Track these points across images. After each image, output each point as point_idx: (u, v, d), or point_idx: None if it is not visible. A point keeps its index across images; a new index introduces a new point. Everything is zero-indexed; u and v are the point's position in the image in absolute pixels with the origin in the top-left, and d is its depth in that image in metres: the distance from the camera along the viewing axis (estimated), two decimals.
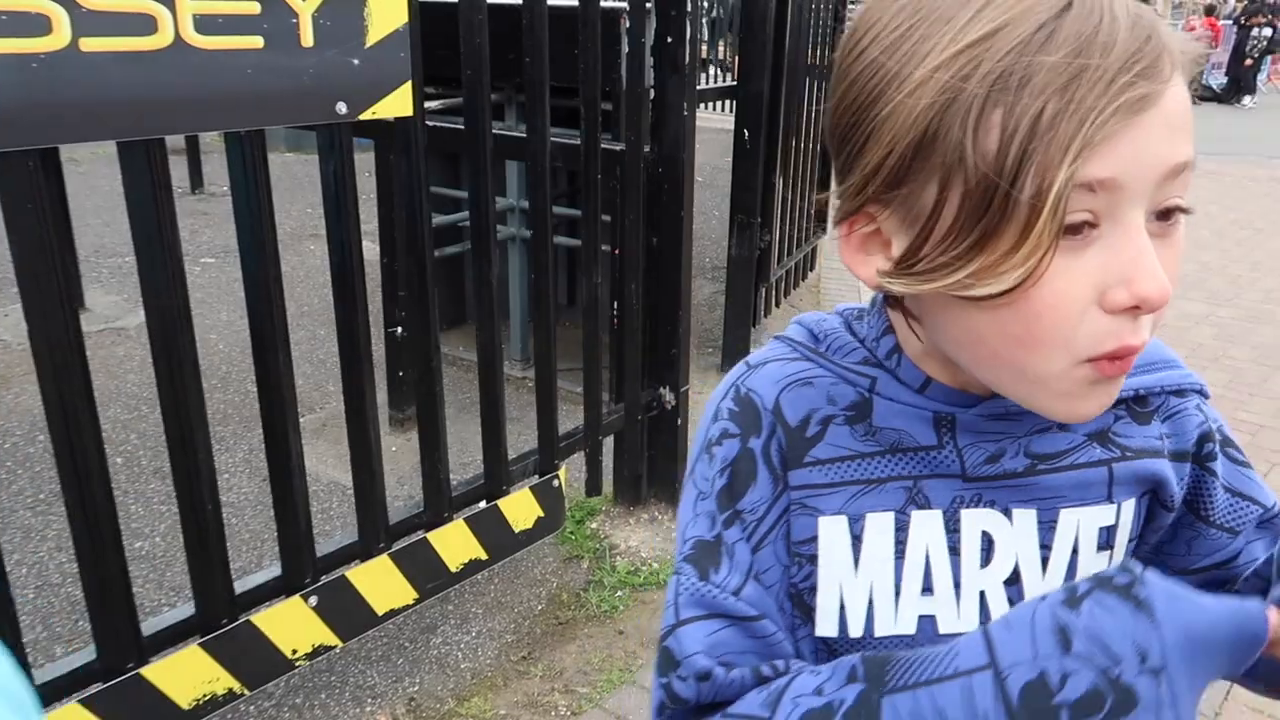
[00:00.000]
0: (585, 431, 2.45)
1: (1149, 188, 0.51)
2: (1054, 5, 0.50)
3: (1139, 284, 0.51)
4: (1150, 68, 0.49)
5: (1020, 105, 0.48)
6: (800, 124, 4.31)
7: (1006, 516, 0.64)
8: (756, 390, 0.66)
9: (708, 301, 4.92)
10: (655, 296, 2.62)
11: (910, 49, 0.53)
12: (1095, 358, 0.53)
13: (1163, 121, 0.50)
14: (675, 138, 2.46)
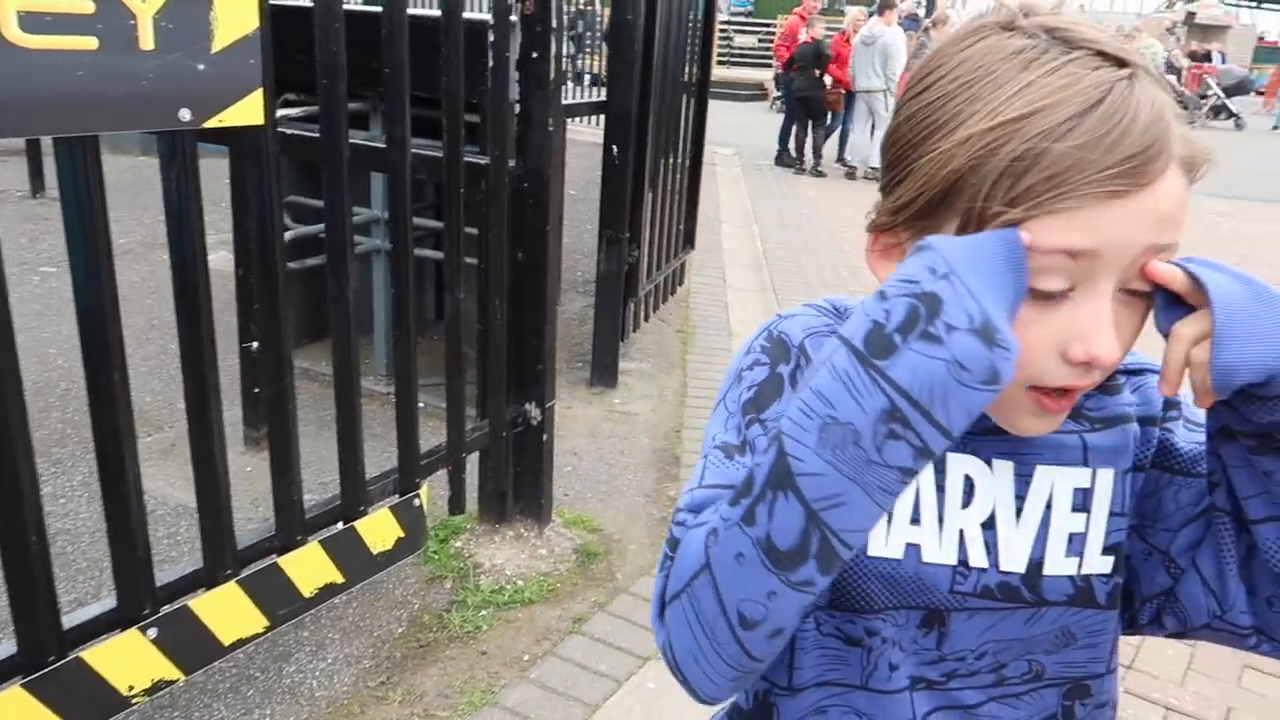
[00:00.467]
0: (448, 449, 2.41)
1: (1124, 264, 0.61)
2: (1087, 100, 0.59)
3: (1093, 347, 0.61)
4: (1140, 170, 0.58)
5: (1024, 181, 0.58)
6: (671, 141, 4.38)
7: (987, 465, 0.73)
8: (787, 332, 0.76)
9: (579, 315, 4.92)
10: (521, 311, 2.60)
11: (960, 106, 0.62)
12: (1041, 388, 0.63)
13: (1148, 210, 0.59)
14: (540, 152, 2.46)
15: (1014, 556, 0.74)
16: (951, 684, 0.76)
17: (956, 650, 0.76)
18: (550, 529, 2.86)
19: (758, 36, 22.11)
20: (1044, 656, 0.78)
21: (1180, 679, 2.40)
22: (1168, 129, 0.60)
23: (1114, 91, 0.60)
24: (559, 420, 3.59)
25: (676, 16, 4.08)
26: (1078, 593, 0.75)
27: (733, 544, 0.62)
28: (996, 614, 0.75)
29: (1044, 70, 0.61)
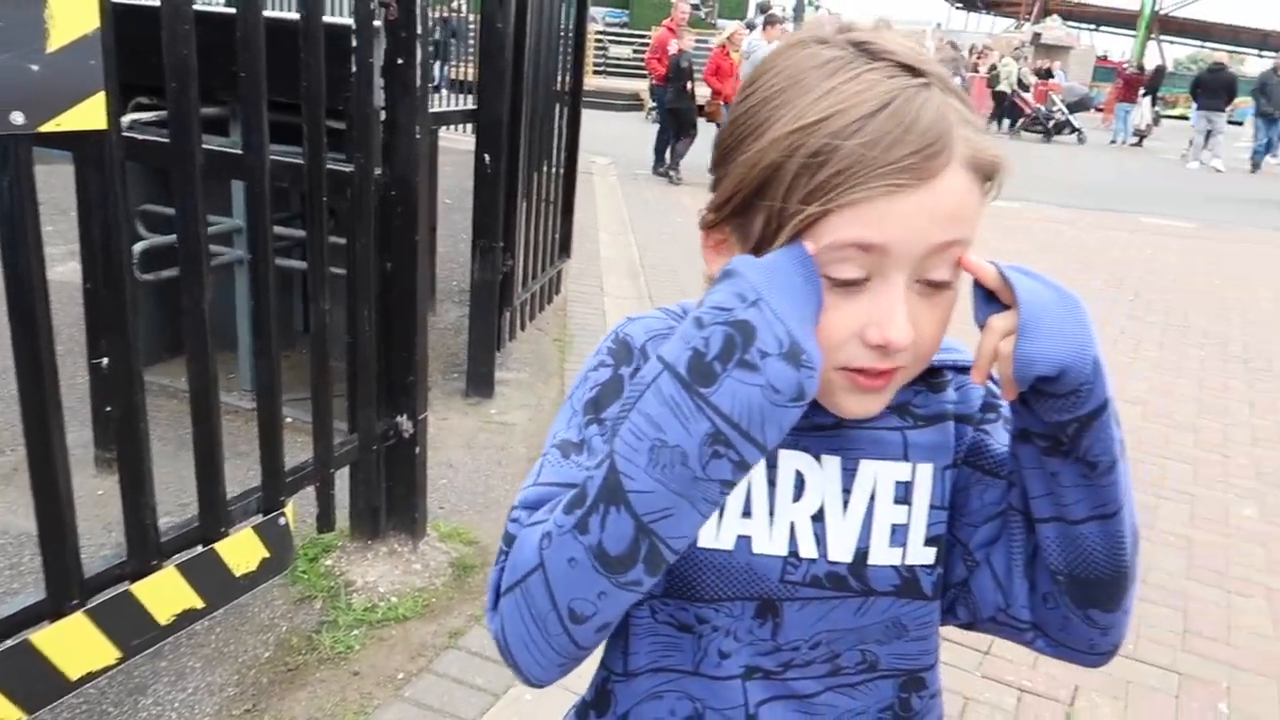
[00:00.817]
0: (315, 464, 2.34)
1: (912, 258, 0.66)
2: (876, 104, 0.64)
3: (887, 331, 0.66)
4: (921, 167, 0.64)
5: (817, 177, 0.64)
6: (545, 150, 4.38)
7: (817, 460, 0.77)
8: (632, 335, 0.80)
9: (454, 326, 4.86)
10: (390, 322, 2.55)
11: (771, 110, 0.68)
12: (848, 369, 0.69)
13: (931, 206, 0.65)
14: (408, 160, 2.42)
15: (841, 547, 0.78)
16: (788, 674, 0.79)
17: (791, 640, 0.79)
18: (425, 543, 2.81)
19: (633, 47, 22.30)
20: (877, 647, 0.81)
21: (1032, 662, 2.54)
22: (949, 131, 0.66)
23: (901, 96, 0.65)
24: (434, 432, 3.52)
25: (548, 25, 4.09)
26: (904, 583, 0.79)
27: (566, 549, 0.66)
28: (827, 603, 0.78)
29: (845, 78, 0.66)
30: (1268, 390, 5.08)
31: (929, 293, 0.69)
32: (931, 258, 0.67)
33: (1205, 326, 6.30)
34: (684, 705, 0.80)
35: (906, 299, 0.67)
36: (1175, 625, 2.80)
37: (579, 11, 4.58)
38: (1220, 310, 6.78)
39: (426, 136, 2.47)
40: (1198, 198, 12.90)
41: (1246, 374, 5.34)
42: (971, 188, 0.68)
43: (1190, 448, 4.17)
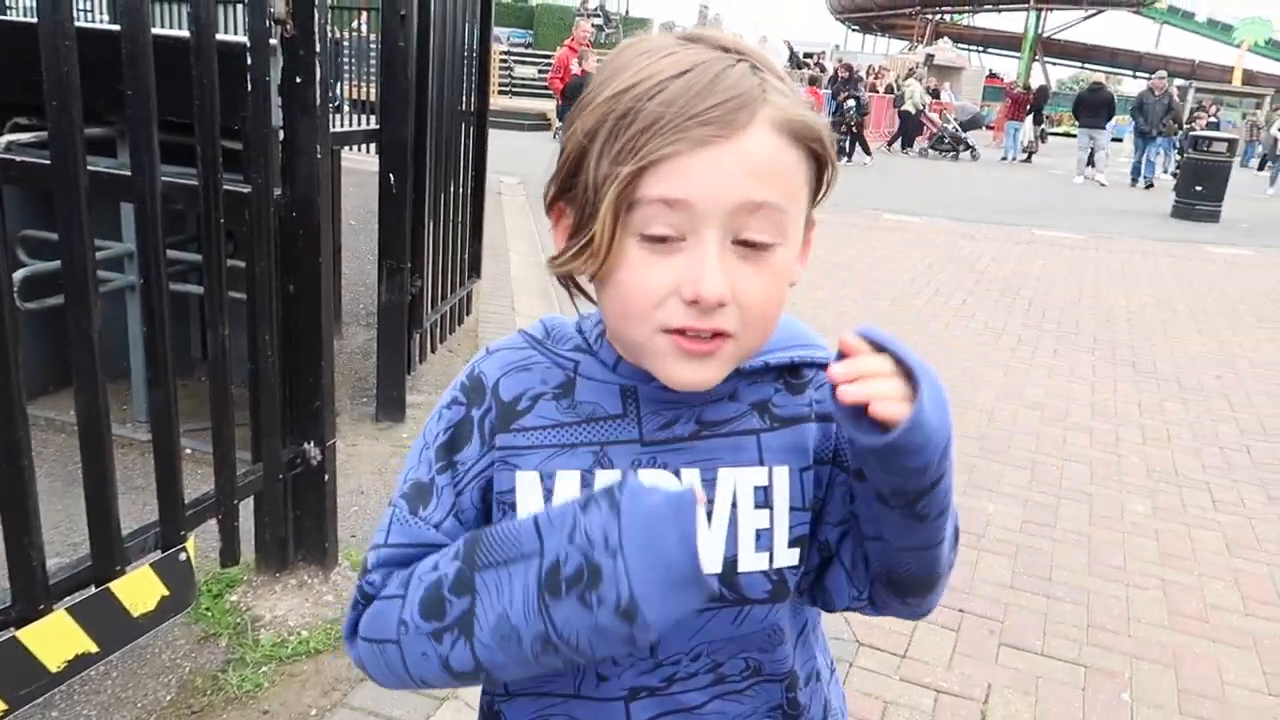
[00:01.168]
0: (216, 496, 2.25)
1: (720, 215, 0.66)
2: (675, 69, 0.67)
3: (699, 285, 0.67)
4: (721, 120, 0.65)
5: (623, 137, 0.66)
6: (452, 170, 4.33)
7: (677, 475, 0.77)
8: (485, 372, 0.81)
9: (362, 349, 4.76)
10: (294, 347, 2.48)
11: (598, 86, 0.70)
12: (669, 329, 0.69)
13: (734, 163, 0.66)
14: (309, 180, 2.36)
15: (710, 558, 0.76)
16: (673, 688, 0.80)
17: (671, 655, 0.79)
18: (336, 573, 2.72)
19: (538, 67, 22.35)
20: (759, 655, 0.82)
21: (947, 662, 2.60)
22: (753, 92, 0.67)
23: (706, 62, 0.67)
24: (343, 459, 3.44)
25: (451, 45, 4.05)
26: (774, 588, 0.80)
27: (419, 646, 0.70)
28: (702, 615, 0.78)
29: (660, 55, 0.69)
30: (1154, 391, 5.33)
31: (750, 254, 0.69)
32: (742, 215, 0.67)
33: (1095, 332, 6.59)
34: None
35: (725, 259, 0.68)
36: (1080, 620, 2.90)
37: (483, 32, 4.56)
38: (1108, 316, 7.11)
39: (328, 156, 2.41)
40: (1084, 210, 13.52)
41: (1134, 376, 5.60)
42: (783, 149, 0.68)
43: (1086, 448, 4.35)
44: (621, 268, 0.69)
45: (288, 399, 2.50)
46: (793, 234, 0.71)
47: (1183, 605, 3.03)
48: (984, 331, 6.30)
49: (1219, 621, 2.96)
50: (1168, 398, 5.23)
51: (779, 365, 0.80)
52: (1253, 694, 2.60)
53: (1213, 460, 4.34)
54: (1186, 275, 9.06)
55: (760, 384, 0.80)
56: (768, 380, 0.80)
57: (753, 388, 0.80)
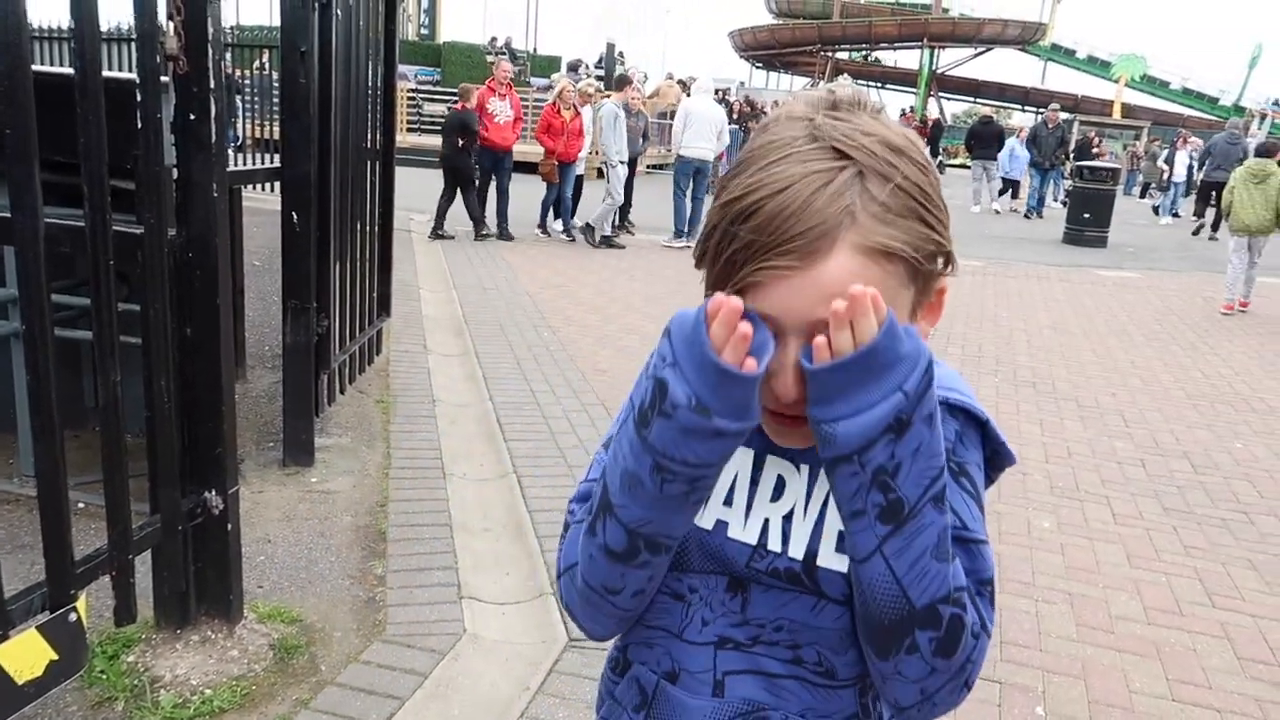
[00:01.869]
0: (110, 551, 2.14)
1: (799, 328, 0.74)
2: (773, 188, 0.73)
3: (775, 383, 0.76)
4: (802, 250, 0.72)
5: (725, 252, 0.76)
6: (358, 208, 4.26)
7: (796, 468, 0.87)
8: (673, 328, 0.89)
9: (268, 392, 4.62)
10: (193, 392, 2.38)
11: (730, 179, 0.78)
12: (768, 408, 0.78)
13: (815, 287, 0.72)
14: (205, 220, 2.29)
15: (797, 545, 0.86)
16: (756, 648, 0.89)
17: (757, 617, 0.88)
18: (242, 626, 2.61)
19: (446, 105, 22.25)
20: (833, 656, 0.87)
21: None
22: (840, 217, 0.72)
23: (802, 181, 0.73)
24: (249, 506, 3.32)
25: (355, 82, 4.00)
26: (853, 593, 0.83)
27: (587, 547, 0.86)
28: (786, 594, 0.87)
29: (775, 160, 0.75)
30: (1053, 411, 5.53)
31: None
32: (820, 328, 0.73)
33: (997, 354, 6.82)
34: (666, 660, 0.92)
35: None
36: (994, 637, 2.95)
37: (387, 69, 4.52)
38: (1008, 339, 7.36)
39: (225, 195, 2.34)
40: (982, 238, 14.04)
41: (1035, 396, 5.80)
42: (865, 269, 0.73)
43: None
44: None
45: (187, 446, 2.40)
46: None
47: (1089, 618, 3.13)
48: None
49: (1124, 631, 3.05)
50: (1067, 416, 5.43)
51: None
52: (1158, 700, 2.68)
53: (1111, 475, 4.51)
54: (1079, 298, 9.47)
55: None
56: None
57: None
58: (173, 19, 2.15)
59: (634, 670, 0.95)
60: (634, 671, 0.95)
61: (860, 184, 0.73)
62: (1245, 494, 4.38)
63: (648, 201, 11.92)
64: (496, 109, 10.56)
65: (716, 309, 0.71)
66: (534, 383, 5.30)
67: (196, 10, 2.18)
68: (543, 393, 5.12)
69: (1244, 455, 4.94)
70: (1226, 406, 5.86)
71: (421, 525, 3.41)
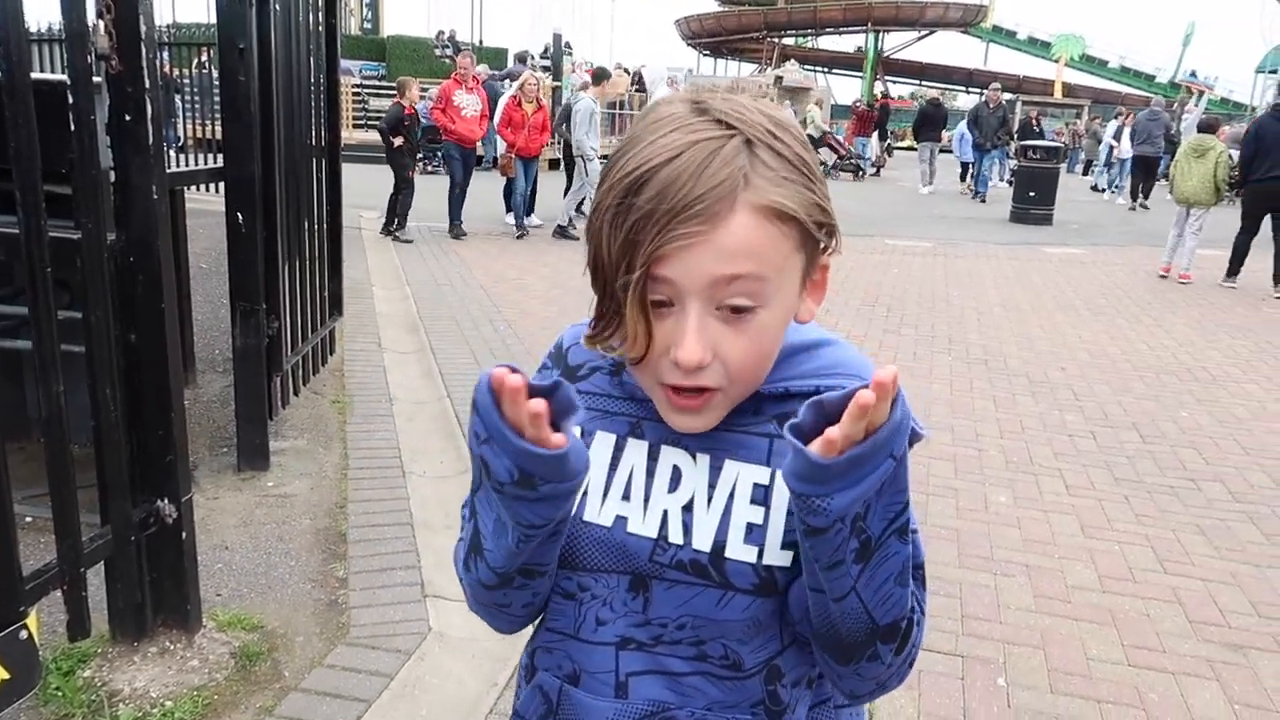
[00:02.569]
0: (60, 565, 2.08)
1: (698, 289, 0.74)
2: (665, 156, 0.73)
3: (678, 351, 0.76)
4: (704, 214, 0.72)
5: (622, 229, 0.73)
6: (305, 206, 4.19)
7: (692, 457, 0.86)
8: (564, 340, 0.96)
9: (219, 396, 4.54)
10: (140, 399, 2.33)
11: (614, 158, 0.78)
12: (665, 384, 0.79)
13: (712, 250, 0.72)
14: (145, 223, 2.23)
15: (703, 537, 0.85)
16: (659, 649, 0.87)
17: (660, 616, 0.87)
18: (202, 636, 2.57)
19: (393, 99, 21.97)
20: (739, 646, 0.86)
21: None
22: (736, 178, 0.73)
23: (693, 149, 0.73)
24: (204, 513, 3.26)
25: (296, 79, 3.93)
26: (761, 582, 0.84)
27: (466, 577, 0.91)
28: (691, 589, 0.86)
29: (661, 134, 0.74)
30: (1005, 387, 5.62)
31: (731, 318, 0.76)
32: (719, 287, 0.74)
33: (949, 334, 6.91)
34: (566, 663, 0.91)
35: (706, 325, 0.75)
36: (954, 612, 3.00)
37: (329, 64, 4.44)
38: (960, 318, 7.47)
39: (165, 197, 2.29)
40: (931, 219, 14.23)
41: (987, 373, 5.89)
42: (762, 227, 0.74)
43: (949, 445, 4.54)
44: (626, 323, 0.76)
45: (136, 455, 2.35)
46: (776, 296, 0.77)
47: (1046, 588, 3.19)
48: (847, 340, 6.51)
49: (1080, 600, 3.12)
50: (1019, 392, 5.52)
51: (805, 391, 0.84)
52: (1115, 666, 2.75)
53: (1063, 448, 4.60)
54: (1027, 275, 9.63)
55: (789, 401, 0.85)
56: (797, 400, 0.82)
57: (778, 404, 0.85)
58: (103, 17, 2.09)
59: (538, 678, 0.94)
60: (538, 679, 0.94)
61: (749, 151, 0.74)
62: (1191, 461, 4.49)
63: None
64: (464, 102, 10.22)
65: (499, 386, 0.70)
66: None
67: (128, 8, 2.12)
68: None
69: (1189, 424, 5.07)
70: (1171, 377, 6.00)
71: (382, 525, 3.37)
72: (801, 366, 0.87)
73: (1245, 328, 7.61)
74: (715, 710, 0.87)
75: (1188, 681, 2.69)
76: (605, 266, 0.75)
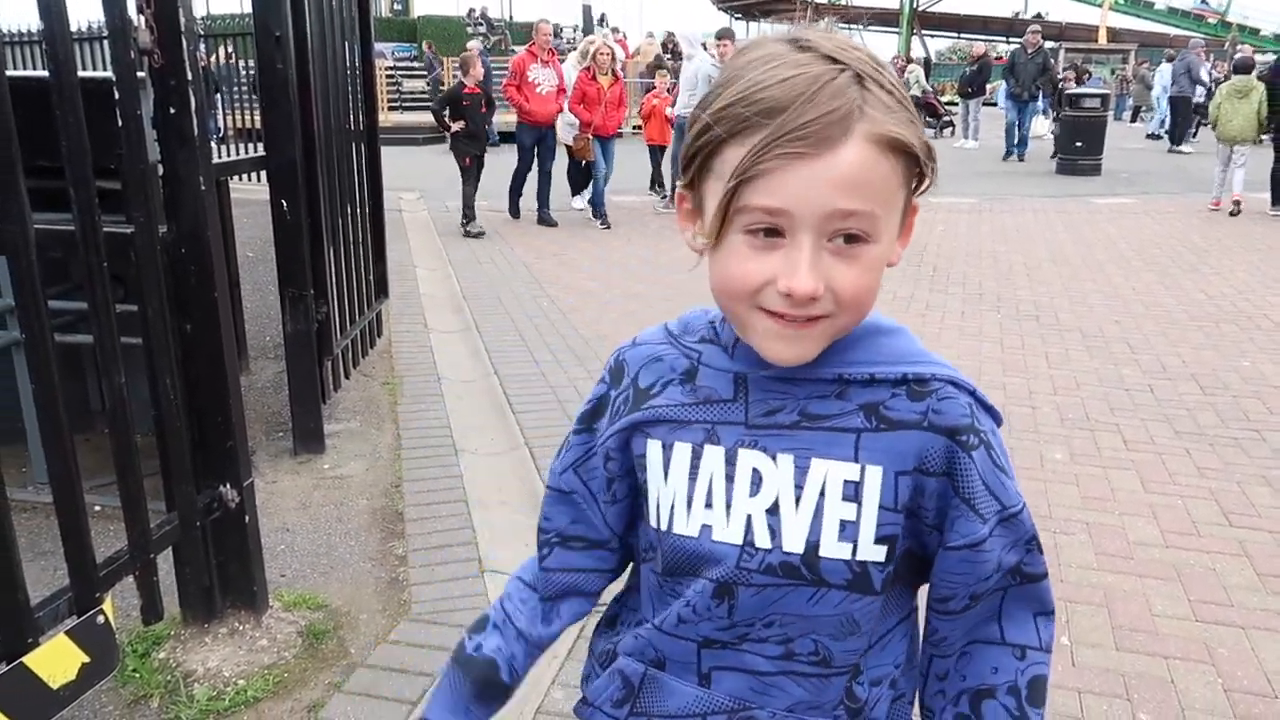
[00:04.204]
0: (130, 552, 2.14)
1: (814, 220, 0.73)
2: (775, 81, 0.72)
3: (792, 281, 0.75)
4: (817, 136, 0.71)
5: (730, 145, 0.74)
6: (346, 191, 4.23)
7: (772, 459, 0.85)
8: (628, 360, 0.95)
9: (273, 382, 4.62)
10: (198, 388, 2.38)
11: (716, 92, 0.77)
12: (767, 310, 0.77)
13: (826, 177, 0.72)
14: (195, 215, 2.27)
15: (794, 538, 0.84)
16: (744, 646, 0.87)
17: (745, 618, 0.86)
18: (269, 616, 2.63)
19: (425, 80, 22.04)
20: (830, 642, 0.86)
21: None
22: (850, 107, 0.72)
23: (805, 74, 0.73)
24: (264, 497, 3.33)
25: (332, 64, 3.95)
26: (855, 578, 0.84)
27: None
28: (780, 589, 0.85)
29: (771, 66, 0.74)
30: (1058, 343, 5.52)
31: (843, 249, 0.76)
32: (834, 220, 0.74)
33: (998, 291, 6.79)
34: (650, 651, 0.92)
35: (818, 257, 0.75)
36: None
37: (364, 48, 4.46)
38: (1008, 274, 7.33)
39: (212, 187, 2.32)
40: (975, 174, 13.94)
41: (1039, 330, 5.79)
42: (877, 160, 0.74)
43: (1002, 404, 4.46)
44: (729, 255, 0.77)
45: (197, 442, 2.40)
46: (885, 231, 0.77)
47: (1108, 545, 3.14)
48: (894, 301, 6.44)
49: (1143, 557, 3.07)
50: (1072, 347, 5.42)
51: (889, 378, 0.84)
52: (1180, 622, 2.70)
53: (1120, 403, 4.51)
54: (1076, 228, 9.42)
55: (875, 388, 0.84)
56: (884, 386, 0.84)
57: (865, 390, 0.84)
58: (143, 12, 2.11)
59: (620, 663, 0.95)
60: (620, 664, 0.95)
61: (859, 85, 0.74)
62: (1255, 411, 4.38)
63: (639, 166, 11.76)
64: (539, 77, 9.12)
65: None
66: (537, 353, 5.30)
67: (167, 2, 2.14)
68: (547, 363, 5.11)
69: (1251, 373, 4.94)
70: (1231, 325, 5.85)
71: (438, 503, 3.42)
72: (885, 350, 0.85)
73: None
74: (797, 711, 0.87)
75: (1258, 635, 2.63)
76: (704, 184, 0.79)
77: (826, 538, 0.83)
